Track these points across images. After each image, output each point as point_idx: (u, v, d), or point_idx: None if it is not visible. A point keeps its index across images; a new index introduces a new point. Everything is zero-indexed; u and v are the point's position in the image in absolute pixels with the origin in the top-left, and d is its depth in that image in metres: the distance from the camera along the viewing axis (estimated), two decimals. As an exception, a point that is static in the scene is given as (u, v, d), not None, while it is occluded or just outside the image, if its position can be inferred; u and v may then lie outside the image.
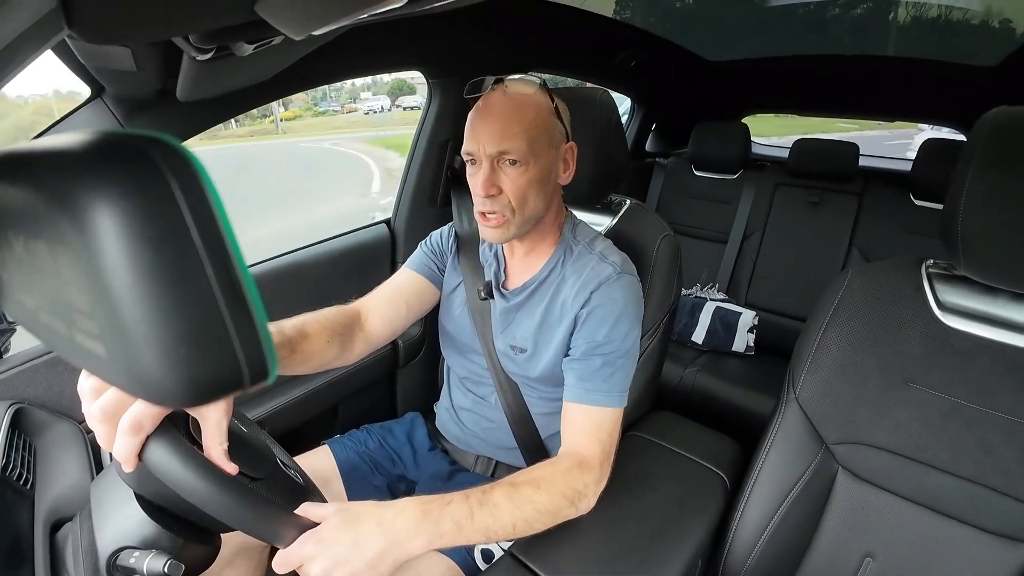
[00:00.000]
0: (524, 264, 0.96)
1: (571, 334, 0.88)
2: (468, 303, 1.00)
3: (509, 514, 0.69)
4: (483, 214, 0.85)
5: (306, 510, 0.61)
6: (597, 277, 0.86)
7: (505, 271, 0.99)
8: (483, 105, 0.83)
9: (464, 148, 0.85)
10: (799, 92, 2.39)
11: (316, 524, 0.60)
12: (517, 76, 0.85)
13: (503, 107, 0.81)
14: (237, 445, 0.63)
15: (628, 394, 0.86)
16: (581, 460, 0.78)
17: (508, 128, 0.80)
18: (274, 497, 0.60)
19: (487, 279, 0.99)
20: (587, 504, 0.77)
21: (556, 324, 0.89)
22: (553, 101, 0.85)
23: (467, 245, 1.04)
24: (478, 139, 0.82)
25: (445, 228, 1.08)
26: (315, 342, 0.84)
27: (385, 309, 0.98)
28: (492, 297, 0.97)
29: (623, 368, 0.84)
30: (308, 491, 0.71)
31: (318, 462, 1.02)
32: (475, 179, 0.84)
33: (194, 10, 0.46)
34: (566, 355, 0.88)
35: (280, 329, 0.80)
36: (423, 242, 1.07)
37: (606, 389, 0.83)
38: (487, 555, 0.88)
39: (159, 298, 0.21)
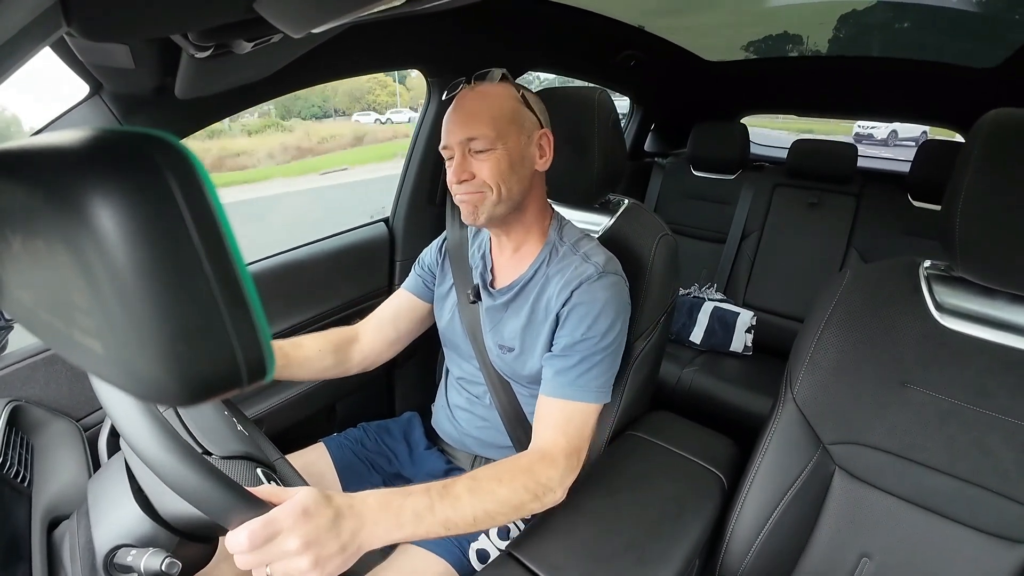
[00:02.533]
0: (511, 264, 0.97)
1: (554, 332, 0.89)
2: (458, 305, 1.02)
3: (470, 506, 0.69)
4: (464, 195, 0.88)
5: (261, 491, 0.58)
6: (579, 276, 0.87)
7: (492, 271, 1.00)
8: (454, 103, 0.88)
9: (440, 144, 0.89)
10: (798, 93, 2.39)
11: (273, 505, 0.56)
12: (483, 72, 0.88)
13: (470, 100, 0.86)
14: (218, 429, 0.64)
15: (611, 391, 0.87)
16: (544, 454, 0.79)
17: (474, 117, 0.84)
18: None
19: (475, 281, 1.00)
20: (553, 498, 0.78)
21: (541, 324, 0.90)
22: (519, 91, 0.89)
23: (457, 248, 1.06)
24: (449, 131, 0.87)
25: (434, 243, 1.12)
26: (308, 350, 0.98)
27: (379, 329, 1.09)
28: (480, 299, 0.99)
29: (601, 364, 0.85)
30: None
31: (314, 460, 1.03)
32: (450, 170, 0.88)
33: (193, 8, 0.46)
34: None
35: (277, 343, 0.91)
36: (416, 263, 1.12)
37: (581, 384, 0.84)
38: (482, 555, 0.89)
39: (157, 296, 0.21)
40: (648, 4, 1.59)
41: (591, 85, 1.85)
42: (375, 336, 1.08)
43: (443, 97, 0.90)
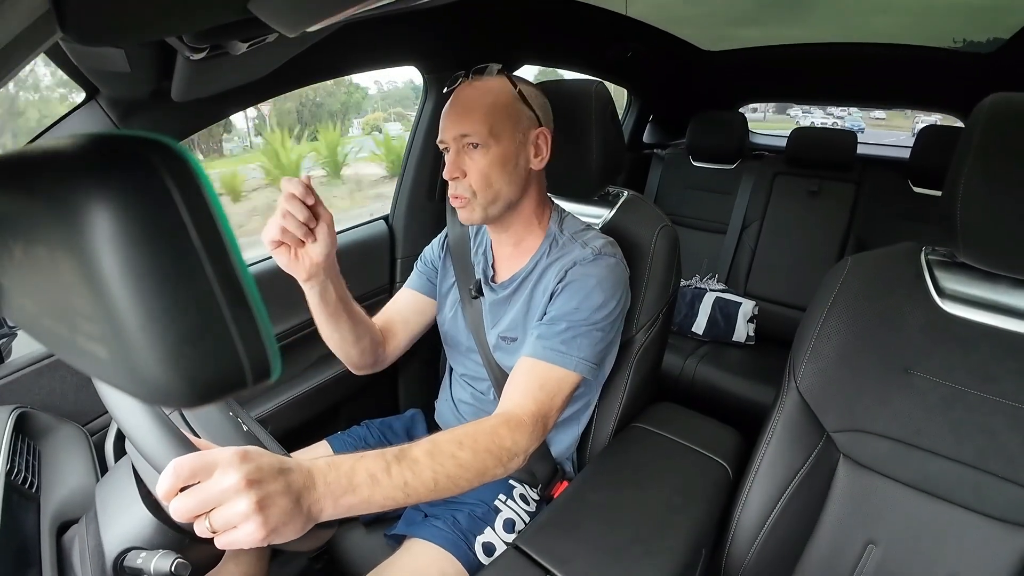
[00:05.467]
0: (512, 258, 0.97)
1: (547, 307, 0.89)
2: (461, 302, 1.02)
3: (429, 469, 0.65)
4: (454, 196, 0.88)
5: (201, 443, 0.60)
6: (575, 259, 0.88)
7: (493, 266, 1.00)
8: (452, 97, 0.88)
9: (438, 138, 0.89)
10: (796, 81, 2.38)
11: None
12: (481, 66, 0.88)
13: (467, 95, 0.86)
14: None
15: (594, 369, 0.85)
16: (510, 417, 0.76)
17: (469, 113, 0.84)
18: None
19: (476, 277, 1.00)
20: (516, 464, 0.75)
21: (538, 307, 0.91)
22: (516, 87, 0.88)
23: (458, 246, 1.06)
24: (444, 126, 0.87)
25: (436, 240, 1.12)
26: (368, 325, 0.97)
27: (395, 332, 1.05)
28: (482, 295, 0.99)
29: (587, 336, 0.84)
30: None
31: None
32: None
33: (187, 10, 0.46)
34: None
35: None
36: (418, 260, 1.12)
37: (562, 350, 0.83)
38: (488, 548, 0.89)
39: (159, 299, 0.21)
40: None
41: (588, 77, 1.84)
42: (392, 341, 1.05)
43: (443, 90, 0.90)
